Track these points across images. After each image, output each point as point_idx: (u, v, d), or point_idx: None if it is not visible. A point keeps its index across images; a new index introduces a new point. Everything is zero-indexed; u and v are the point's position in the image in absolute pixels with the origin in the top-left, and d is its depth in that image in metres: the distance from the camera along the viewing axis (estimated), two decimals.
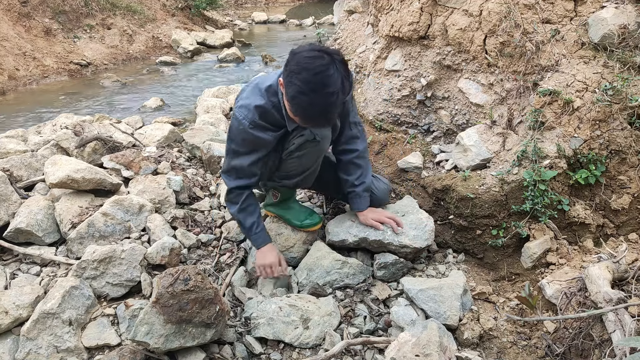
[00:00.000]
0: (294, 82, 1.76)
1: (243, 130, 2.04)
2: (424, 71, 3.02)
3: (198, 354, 1.93)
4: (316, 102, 1.77)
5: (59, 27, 8.35)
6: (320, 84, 1.74)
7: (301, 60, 1.76)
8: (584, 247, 2.33)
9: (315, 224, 2.49)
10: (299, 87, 1.76)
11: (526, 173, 2.32)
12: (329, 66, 1.75)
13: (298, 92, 1.77)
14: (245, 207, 2.23)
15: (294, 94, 1.78)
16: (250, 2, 17.58)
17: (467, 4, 2.76)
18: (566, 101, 2.35)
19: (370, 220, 2.36)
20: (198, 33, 10.43)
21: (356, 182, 2.35)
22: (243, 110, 2.03)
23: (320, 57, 1.76)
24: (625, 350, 1.60)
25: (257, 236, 2.29)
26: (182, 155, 3.44)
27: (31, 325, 1.91)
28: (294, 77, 1.77)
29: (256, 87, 2.06)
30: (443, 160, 2.83)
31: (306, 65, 1.74)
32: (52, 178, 2.57)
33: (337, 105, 1.80)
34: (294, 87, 1.77)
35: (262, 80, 2.09)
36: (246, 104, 2.03)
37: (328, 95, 1.75)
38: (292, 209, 2.48)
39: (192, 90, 6.67)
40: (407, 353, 1.75)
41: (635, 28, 2.36)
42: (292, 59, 1.80)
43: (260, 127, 2.04)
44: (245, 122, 2.02)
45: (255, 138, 2.06)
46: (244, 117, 2.02)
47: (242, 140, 2.09)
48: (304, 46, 1.82)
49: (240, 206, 2.23)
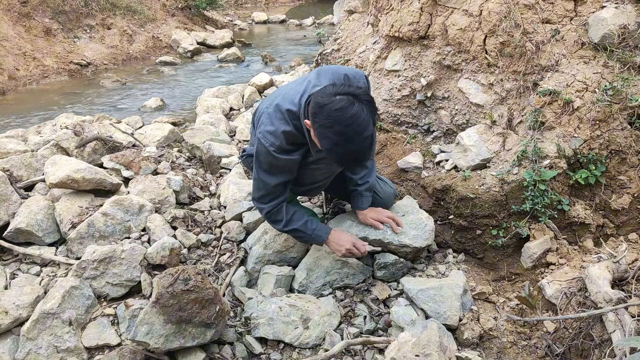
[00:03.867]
0: (328, 136, 1.75)
1: (270, 155, 2.03)
2: (424, 71, 3.02)
3: (198, 354, 1.93)
4: (352, 150, 1.77)
5: (59, 27, 8.35)
6: (354, 133, 1.73)
7: (331, 113, 1.73)
8: (584, 247, 2.33)
9: None
10: (334, 140, 1.75)
11: (526, 173, 2.32)
12: (359, 111, 1.73)
13: (334, 145, 1.76)
14: (290, 218, 2.22)
15: (329, 147, 1.78)
16: (250, 2, 17.58)
17: (467, 4, 2.76)
18: (566, 101, 2.35)
19: (369, 220, 2.36)
20: (198, 33, 10.44)
21: (360, 182, 2.36)
22: (270, 137, 2.01)
23: (349, 104, 1.73)
24: (625, 350, 1.60)
25: (317, 232, 2.24)
26: (182, 155, 3.44)
27: (31, 325, 1.91)
28: (327, 131, 1.75)
29: (278, 112, 2.02)
30: (443, 160, 2.83)
31: (338, 118, 1.72)
32: (52, 178, 2.57)
33: (373, 145, 1.83)
34: (329, 140, 1.76)
35: (282, 101, 2.05)
36: (271, 130, 2.00)
37: (363, 140, 1.75)
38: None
39: (192, 90, 6.67)
40: (407, 353, 1.75)
41: (635, 28, 2.36)
42: (320, 111, 1.76)
43: (287, 150, 2.04)
44: (272, 149, 2.01)
45: (284, 162, 2.06)
46: (271, 144, 2.00)
47: (270, 164, 2.08)
48: (329, 94, 1.78)
49: (286, 219, 2.22)
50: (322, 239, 2.25)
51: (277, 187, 2.16)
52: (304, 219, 2.23)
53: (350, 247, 2.20)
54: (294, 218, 2.22)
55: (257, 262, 2.40)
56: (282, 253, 2.42)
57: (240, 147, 3.75)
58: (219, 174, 3.27)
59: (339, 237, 2.24)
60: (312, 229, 2.23)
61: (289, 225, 2.22)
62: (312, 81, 2.02)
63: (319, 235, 2.25)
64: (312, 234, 2.24)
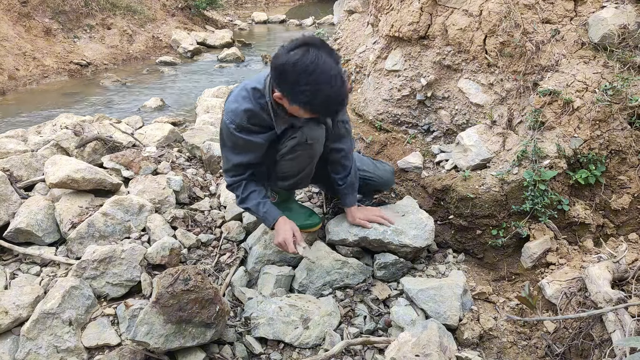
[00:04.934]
0: (301, 91, 1.77)
1: (231, 134, 2.07)
2: (424, 71, 3.02)
3: (198, 354, 1.93)
4: (328, 93, 1.78)
5: (59, 27, 8.35)
6: (322, 76, 1.74)
7: (293, 68, 1.75)
8: (584, 247, 2.33)
9: (315, 224, 2.49)
10: (308, 91, 1.76)
11: (526, 173, 2.32)
12: (317, 55, 1.75)
13: (311, 96, 1.77)
14: (246, 196, 2.24)
15: (307, 100, 1.79)
16: (250, 2, 17.58)
17: (467, 4, 2.76)
18: (566, 101, 2.35)
19: (357, 220, 2.38)
20: (198, 33, 10.44)
21: (340, 182, 2.39)
22: (230, 114, 2.05)
23: (304, 52, 1.75)
24: (625, 350, 1.60)
25: (267, 215, 2.24)
26: (182, 155, 3.44)
27: (31, 325, 1.91)
28: (297, 87, 1.77)
29: (244, 89, 2.06)
30: (443, 160, 2.83)
31: (300, 70, 1.74)
32: (52, 178, 2.57)
33: (345, 83, 1.83)
34: (304, 95, 1.78)
35: (249, 82, 2.09)
36: (233, 108, 2.04)
37: (333, 79, 1.76)
38: (291, 210, 2.48)
39: (192, 90, 6.67)
40: (407, 353, 1.75)
41: (635, 28, 2.36)
42: (283, 72, 1.78)
43: (248, 130, 2.06)
44: (232, 126, 2.04)
45: (244, 141, 2.08)
46: (231, 122, 2.04)
47: (232, 143, 2.12)
48: (282, 54, 1.79)
49: (242, 196, 2.24)
50: (269, 223, 2.26)
51: (239, 167, 2.19)
52: (257, 199, 2.24)
53: (281, 240, 2.19)
54: (250, 197, 2.23)
55: (257, 262, 2.40)
56: (282, 253, 2.41)
57: None
58: (219, 174, 3.26)
59: (280, 227, 2.23)
60: (262, 211, 2.24)
61: (243, 203, 2.26)
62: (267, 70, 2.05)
63: (266, 219, 2.26)
64: (262, 216, 2.26)
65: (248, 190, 2.24)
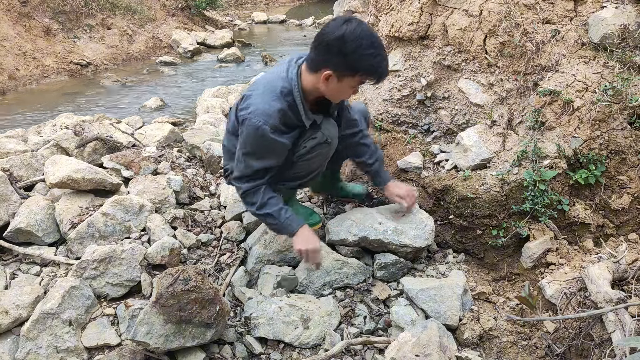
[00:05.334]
0: (364, 54, 1.84)
1: (262, 135, 1.98)
2: (424, 71, 3.02)
3: (198, 354, 1.93)
4: (384, 55, 1.91)
5: (59, 27, 8.35)
6: (377, 41, 1.87)
7: (354, 36, 1.82)
8: (584, 247, 2.33)
9: (315, 223, 2.50)
10: (370, 55, 1.85)
11: (526, 173, 2.32)
12: (364, 24, 1.85)
13: (373, 59, 1.86)
14: (265, 202, 2.14)
15: (371, 63, 1.87)
16: (250, 2, 17.59)
17: (467, 4, 2.76)
18: (566, 101, 2.35)
19: (395, 197, 2.41)
20: (198, 33, 10.44)
21: (369, 161, 2.40)
22: (262, 115, 1.96)
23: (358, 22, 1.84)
24: (625, 350, 1.60)
25: (289, 221, 2.16)
26: (182, 155, 3.44)
27: (31, 325, 1.91)
28: (360, 51, 1.83)
29: (269, 91, 2.01)
30: (443, 160, 2.83)
31: (361, 36, 1.82)
32: (52, 178, 2.57)
33: None
34: (367, 58, 1.85)
35: (271, 81, 2.04)
36: (265, 108, 1.97)
37: (383, 45, 1.91)
38: (293, 209, 2.48)
39: (192, 90, 6.67)
40: (407, 353, 1.75)
41: (635, 28, 2.36)
42: (343, 42, 1.83)
43: (280, 131, 2.01)
44: (267, 127, 1.96)
45: (274, 143, 2.02)
46: (265, 122, 1.96)
47: (259, 147, 2.03)
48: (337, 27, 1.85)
49: (261, 202, 2.14)
50: (293, 229, 2.17)
51: (260, 172, 2.11)
52: (278, 205, 2.16)
53: (310, 249, 2.15)
54: (270, 202, 2.15)
55: (257, 262, 2.40)
56: (282, 253, 2.42)
57: None
58: (219, 174, 3.26)
59: (307, 236, 2.17)
60: (285, 217, 2.16)
61: (262, 209, 2.14)
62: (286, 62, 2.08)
63: (289, 225, 2.16)
64: (284, 222, 2.16)
65: (267, 196, 2.15)
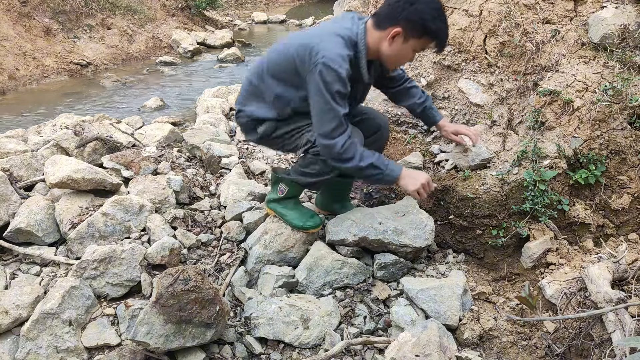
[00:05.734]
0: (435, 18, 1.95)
1: (339, 78, 1.94)
2: (424, 71, 3.02)
3: (198, 354, 1.93)
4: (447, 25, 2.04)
5: (59, 27, 8.35)
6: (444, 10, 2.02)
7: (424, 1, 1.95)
8: (584, 247, 2.33)
9: (316, 225, 2.47)
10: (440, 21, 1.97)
11: (526, 173, 2.32)
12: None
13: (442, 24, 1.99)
14: (362, 153, 2.05)
15: (440, 28, 1.98)
16: (250, 2, 17.58)
17: (467, 4, 2.76)
18: (566, 101, 2.35)
19: (451, 136, 2.51)
20: (198, 33, 10.44)
21: (422, 99, 2.47)
22: (337, 59, 1.93)
23: None
24: (625, 350, 1.60)
25: (389, 168, 2.09)
26: (182, 155, 3.43)
27: (31, 325, 1.91)
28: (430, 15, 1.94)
29: (337, 37, 2.00)
30: (443, 160, 2.83)
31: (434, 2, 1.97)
32: (52, 178, 2.56)
33: None
34: (437, 23, 1.96)
35: (335, 30, 2.03)
36: (338, 52, 1.95)
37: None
38: (295, 210, 2.47)
39: (192, 90, 6.67)
40: (407, 353, 1.75)
41: (635, 28, 2.36)
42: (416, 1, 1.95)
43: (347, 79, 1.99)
44: (342, 71, 1.94)
45: (347, 87, 1.99)
46: (340, 66, 1.93)
47: (339, 92, 1.97)
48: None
49: (360, 154, 2.04)
50: (397, 173, 2.11)
51: (345, 118, 2.02)
52: (375, 154, 2.08)
53: (425, 182, 2.13)
54: (366, 153, 2.06)
55: (257, 262, 2.40)
56: (282, 253, 2.42)
57: (241, 147, 3.75)
58: (219, 174, 3.26)
59: (412, 173, 2.15)
60: (386, 163, 2.09)
61: (364, 160, 2.03)
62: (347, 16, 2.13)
63: (393, 170, 2.10)
64: (387, 168, 2.08)
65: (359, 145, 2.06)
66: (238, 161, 3.36)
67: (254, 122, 2.28)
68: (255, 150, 3.70)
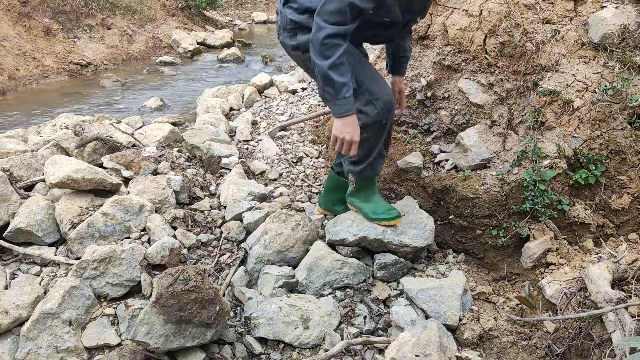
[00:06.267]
0: None
1: None
2: (424, 71, 3.02)
3: (198, 354, 1.93)
4: None
5: (59, 27, 8.35)
6: None
7: None
8: (584, 247, 2.33)
9: (391, 218, 2.35)
10: None
11: (526, 173, 2.32)
12: None
13: None
14: (339, 64, 1.90)
15: None
16: (250, 2, 17.57)
17: (467, 4, 2.76)
18: (566, 101, 2.35)
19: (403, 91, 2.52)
20: (198, 33, 10.43)
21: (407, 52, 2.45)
22: None
23: None
24: (625, 350, 1.60)
25: (345, 101, 1.95)
26: (182, 155, 3.43)
27: (31, 325, 1.91)
28: None
29: None
30: (443, 160, 2.83)
31: None
32: (52, 178, 2.57)
33: None
34: None
35: None
36: None
37: None
38: (371, 202, 2.41)
39: (192, 90, 6.66)
40: (407, 353, 1.75)
41: (635, 28, 2.36)
42: None
43: None
44: None
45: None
46: None
47: None
48: None
49: (335, 61, 1.89)
50: (342, 112, 1.97)
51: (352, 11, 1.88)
52: (346, 79, 1.93)
53: (344, 138, 1.99)
54: (341, 69, 1.91)
55: (257, 262, 2.40)
56: (282, 253, 2.42)
57: (241, 147, 3.75)
58: (219, 174, 3.26)
59: (350, 124, 1.98)
60: (343, 94, 1.94)
61: (332, 70, 1.90)
62: None
63: (341, 107, 1.96)
64: (337, 100, 1.95)
65: (342, 60, 1.91)
66: (238, 161, 3.36)
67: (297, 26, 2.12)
68: (255, 150, 3.70)
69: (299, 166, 3.38)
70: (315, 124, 3.92)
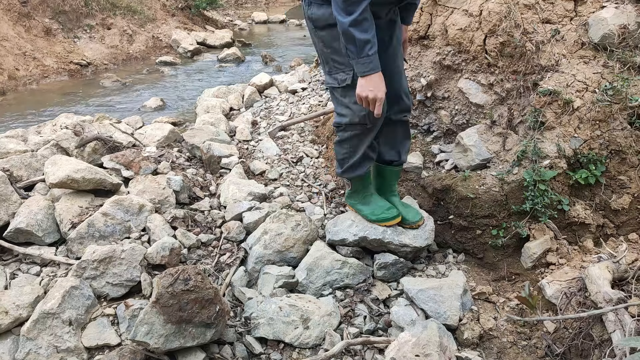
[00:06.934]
0: None
1: None
2: (424, 71, 3.02)
3: (198, 354, 1.93)
4: None
5: (59, 27, 8.35)
6: None
7: None
8: (584, 247, 2.33)
9: (390, 218, 2.36)
10: None
11: (526, 173, 2.32)
12: None
13: None
14: (361, 20, 1.82)
15: None
16: (250, 2, 17.56)
17: (467, 4, 2.76)
18: (566, 101, 2.35)
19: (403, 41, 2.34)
20: (198, 33, 10.43)
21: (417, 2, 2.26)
22: None
23: None
24: (625, 350, 1.60)
25: (368, 59, 1.87)
26: (182, 155, 3.43)
27: (31, 325, 1.91)
28: None
29: None
30: (443, 160, 2.83)
31: None
32: (52, 178, 2.57)
33: None
34: None
35: None
36: None
37: None
38: (369, 203, 2.41)
39: (192, 90, 6.66)
40: (407, 353, 1.75)
41: (635, 28, 2.36)
42: None
43: None
44: None
45: None
46: None
47: None
48: None
49: (357, 17, 1.80)
50: (366, 70, 1.89)
51: None
52: (369, 36, 1.86)
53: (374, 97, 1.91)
54: (364, 25, 1.84)
55: (257, 262, 2.40)
56: (282, 253, 2.42)
57: (241, 147, 3.75)
58: (219, 174, 3.26)
59: (378, 82, 1.91)
60: (367, 52, 1.86)
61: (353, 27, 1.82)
62: None
63: (365, 64, 1.88)
64: (361, 58, 1.88)
65: (365, 15, 1.82)
66: (238, 161, 3.36)
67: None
68: (255, 150, 3.70)
69: (299, 166, 3.38)
70: (316, 124, 3.91)
